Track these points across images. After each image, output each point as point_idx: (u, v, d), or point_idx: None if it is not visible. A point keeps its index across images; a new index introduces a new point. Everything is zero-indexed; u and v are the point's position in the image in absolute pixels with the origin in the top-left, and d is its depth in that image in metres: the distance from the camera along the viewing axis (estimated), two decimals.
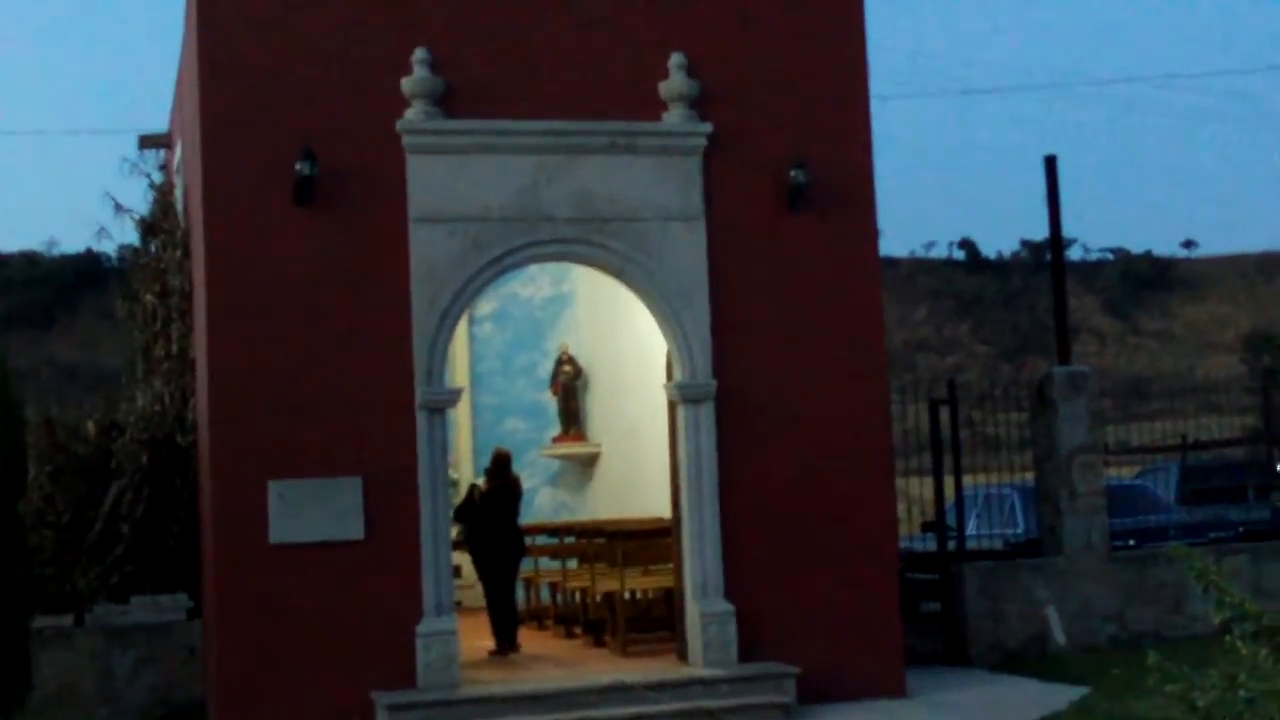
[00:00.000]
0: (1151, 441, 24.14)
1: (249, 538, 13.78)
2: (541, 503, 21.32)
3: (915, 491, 19.73)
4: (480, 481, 18.18)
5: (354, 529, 13.96)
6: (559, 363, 21.40)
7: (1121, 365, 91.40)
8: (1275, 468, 22.06)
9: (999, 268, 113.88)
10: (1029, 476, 19.09)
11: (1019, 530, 19.80)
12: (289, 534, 13.83)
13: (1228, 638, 6.17)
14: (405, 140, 14.46)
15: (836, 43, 15.63)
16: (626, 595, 16.47)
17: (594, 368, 21.31)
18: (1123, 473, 24.36)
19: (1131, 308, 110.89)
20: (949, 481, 18.04)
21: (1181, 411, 23.36)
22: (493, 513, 17.10)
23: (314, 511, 13.87)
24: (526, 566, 18.37)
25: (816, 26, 15.58)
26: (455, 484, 18.96)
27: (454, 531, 17.65)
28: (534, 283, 21.63)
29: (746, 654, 14.62)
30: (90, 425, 16.93)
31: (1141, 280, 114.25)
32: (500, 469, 17.36)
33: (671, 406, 15.21)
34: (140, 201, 19.99)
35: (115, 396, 18.66)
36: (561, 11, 15.00)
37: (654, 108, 15.07)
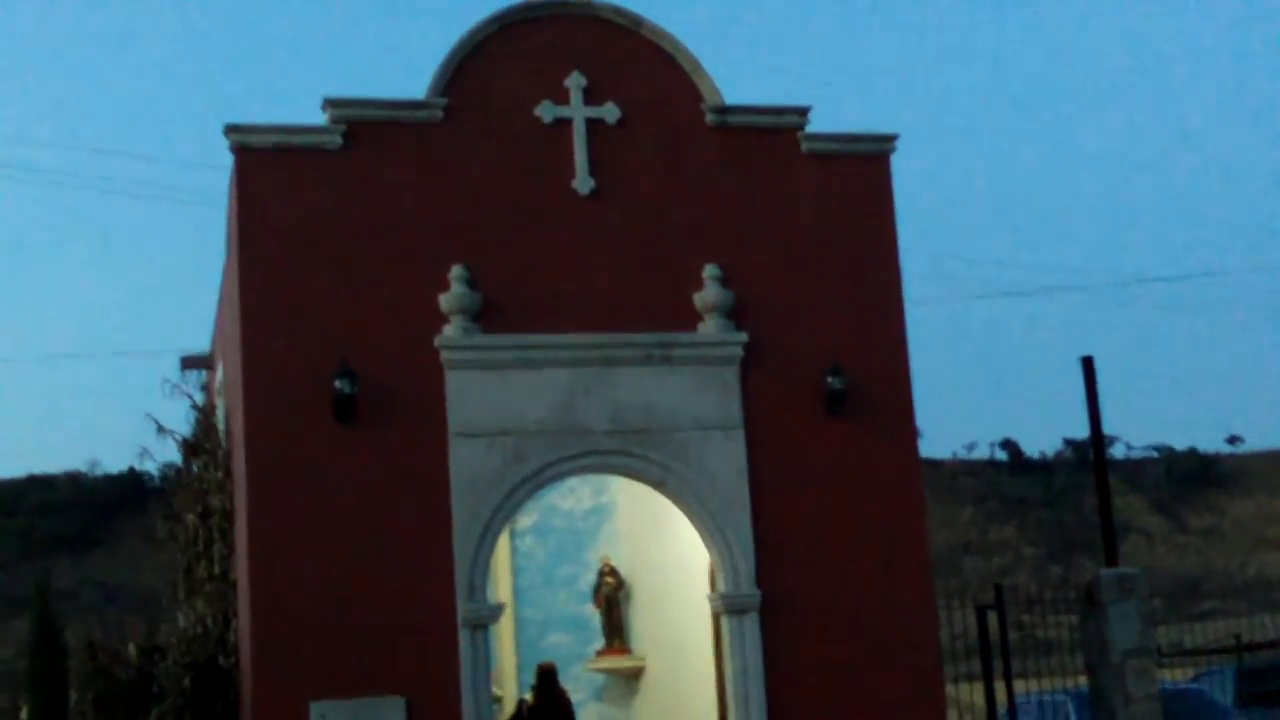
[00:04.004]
0: (1206, 643, 23.72)
1: None
2: (587, 719, 20.97)
3: (966, 698, 19.34)
4: (529, 696, 17.93)
5: None
6: (601, 574, 21.21)
7: (1171, 564, 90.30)
8: None
9: (1042, 467, 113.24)
10: (1083, 681, 18.70)
11: None
12: None
13: None
14: (444, 356, 14.58)
15: (869, 250, 15.78)
16: None
17: (636, 578, 21.11)
18: (1177, 675, 23.89)
19: (1178, 505, 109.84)
20: (1000, 688, 17.68)
21: (1235, 611, 23.02)
22: None
23: None
24: None
25: (848, 235, 15.74)
26: (499, 701, 18.69)
27: None
28: (574, 494, 21.54)
29: None
30: (132, 649, 16.83)
31: (1187, 477, 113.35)
32: (546, 684, 17.12)
33: (716, 617, 15.05)
34: (182, 422, 20.10)
35: (157, 618, 18.57)
36: (594, 226, 15.21)
37: (690, 318, 15.19)
